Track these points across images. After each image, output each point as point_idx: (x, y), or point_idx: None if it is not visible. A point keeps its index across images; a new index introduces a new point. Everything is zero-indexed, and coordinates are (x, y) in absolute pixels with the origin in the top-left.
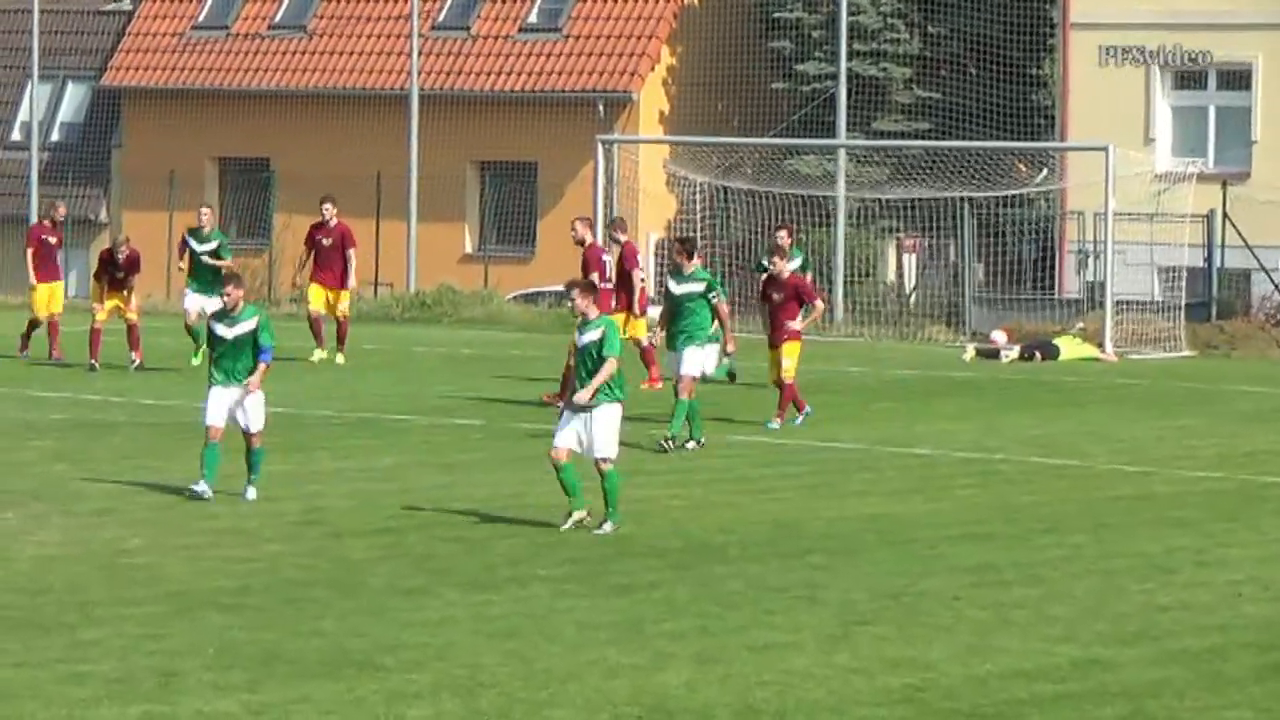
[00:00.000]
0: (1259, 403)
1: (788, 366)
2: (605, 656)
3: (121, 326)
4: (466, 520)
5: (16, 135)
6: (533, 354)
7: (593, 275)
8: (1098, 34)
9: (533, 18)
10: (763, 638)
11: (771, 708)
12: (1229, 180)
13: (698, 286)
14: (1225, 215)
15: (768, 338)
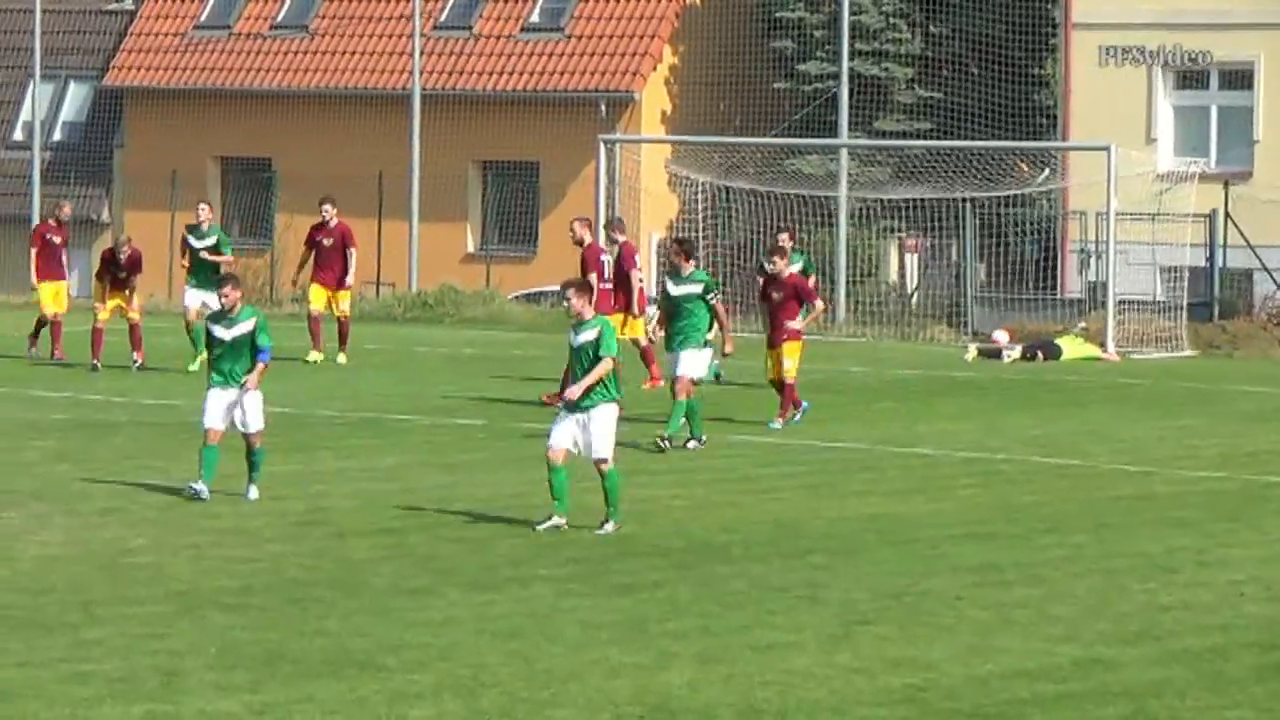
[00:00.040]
0: (1261, 403)
1: (789, 367)
2: (607, 656)
3: (124, 326)
4: (469, 520)
5: (18, 135)
6: (535, 354)
7: (591, 276)
8: (1099, 34)
9: (535, 17)
10: (765, 637)
11: (773, 707)
12: (1231, 180)
13: (695, 288)
14: (1227, 215)
15: (767, 337)
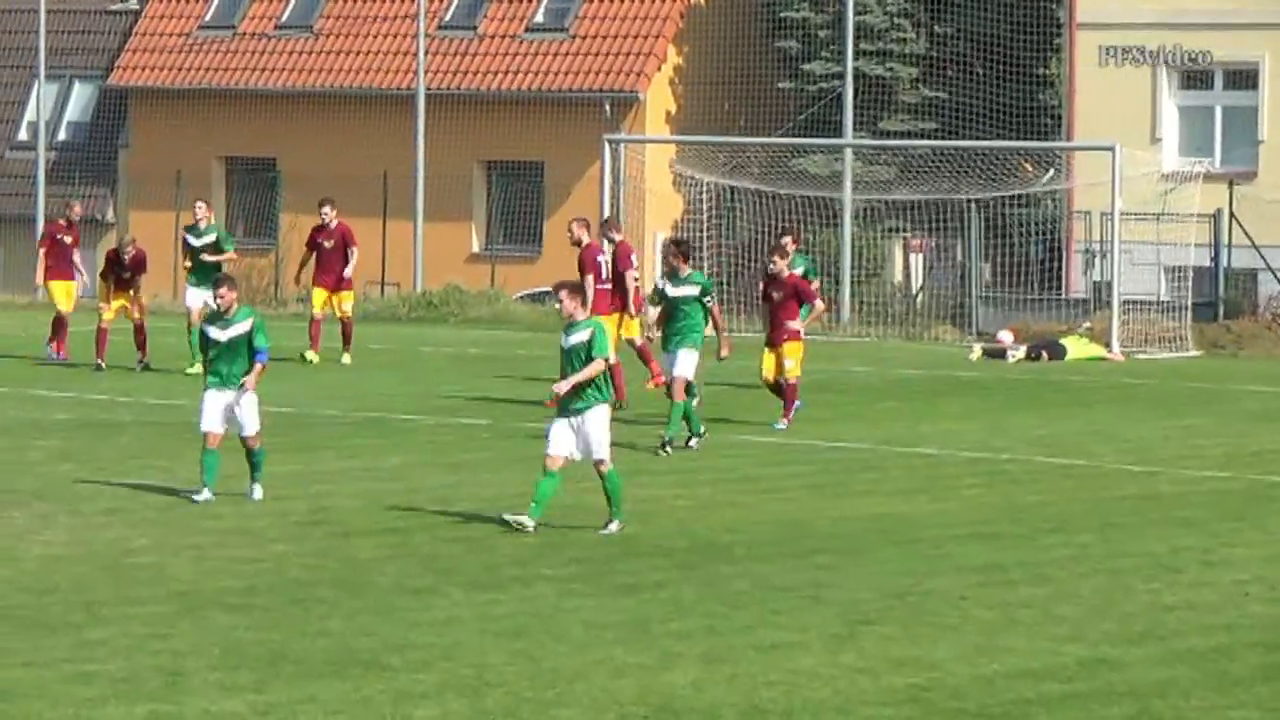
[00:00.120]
0: (1266, 402)
1: (791, 367)
2: (612, 656)
3: (128, 326)
4: (473, 520)
5: (23, 135)
6: (539, 353)
7: (588, 277)
8: (1104, 34)
9: (539, 17)
10: (769, 637)
11: (778, 707)
12: (1235, 180)
13: (693, 290)
14: (1232, 215)
15: (766, 336)
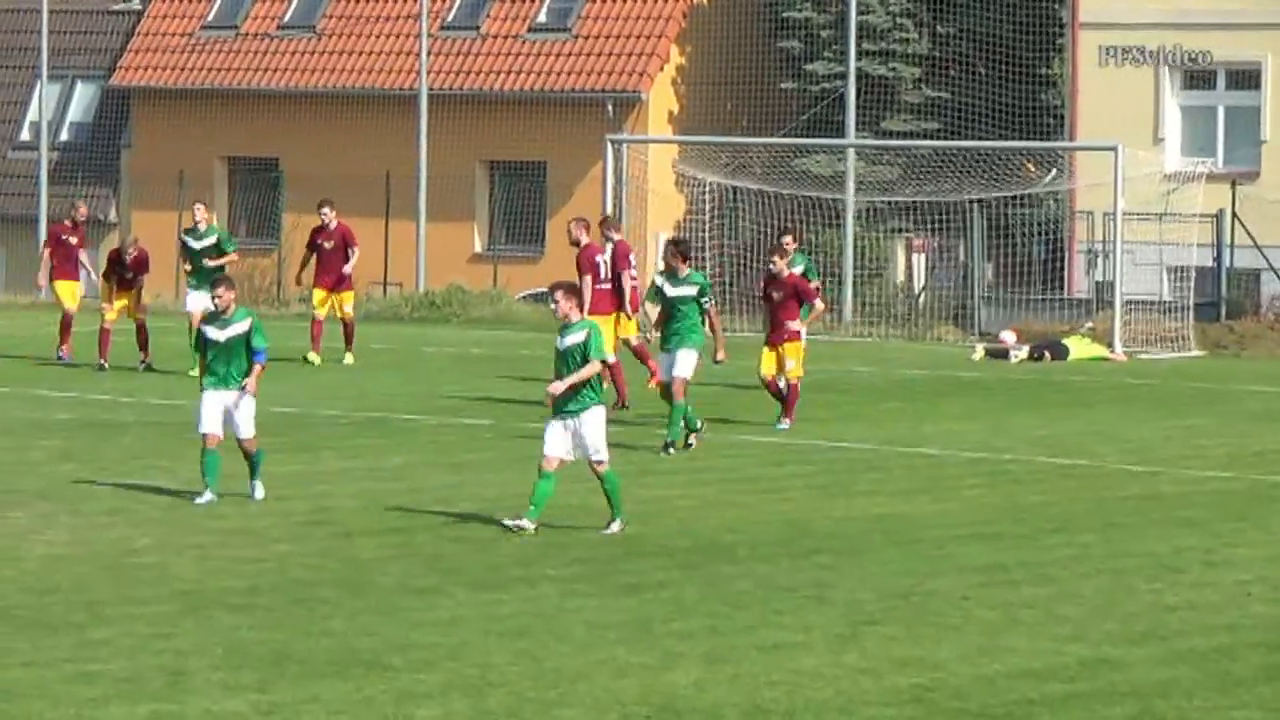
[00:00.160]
0: (1268, 402)
1: (792, 367)
2: (614, 656)
3: (131, 326)
4: (475, 520)
5: (26, 135)
6: (542, 354)
7: (585, 277)
8: (1106, 34)
9: (542, 17)
10: (771, 637)
11: (780, 707)
12: (1238, 180)
13: (691, 290)
14: (1234, 215)
15: (766, 335)
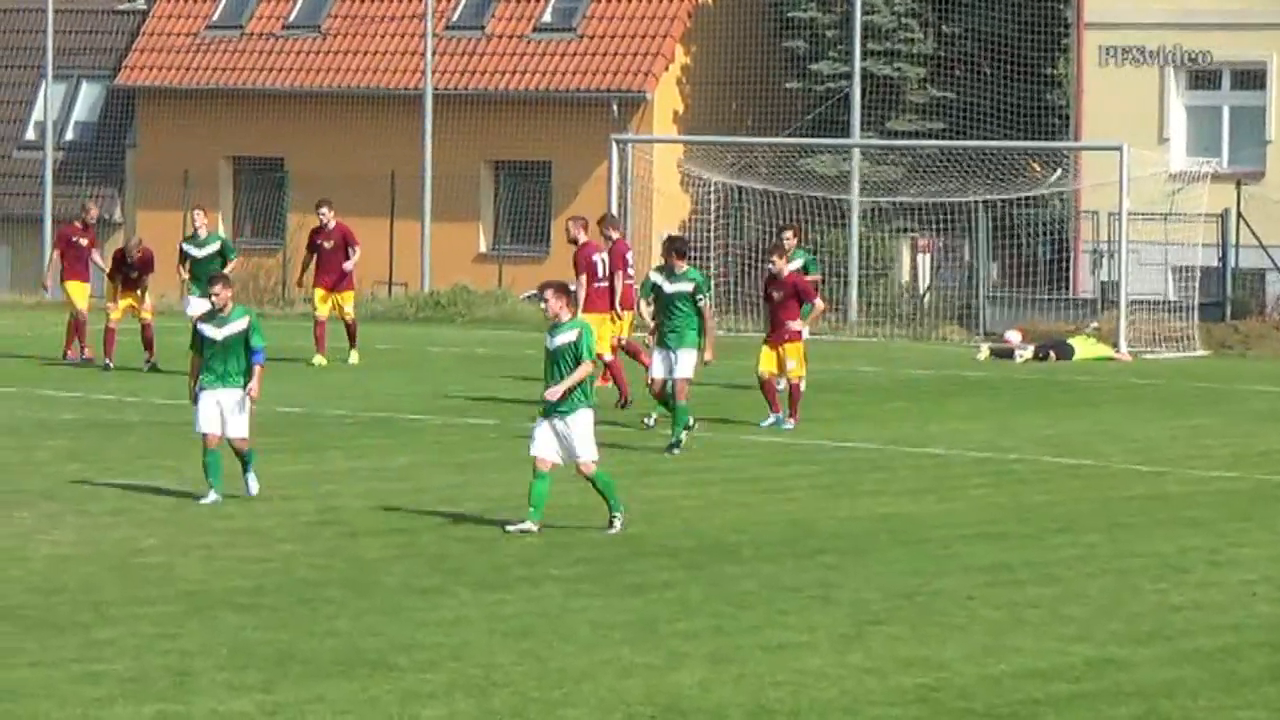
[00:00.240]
0: (1273, 402)
1: (793, 367)
2: (619, 656)
3: (136, 326)
4: (480, 520)
5: (31, 135)
6: None
7: (581, 277)
8: (1111, 33)
9: (547, 17)
10: (776, 637)
11: (785, 707)
12: (1243, 180)
13: (687, 286)
14: (1239, 215)
15: (766, 334)
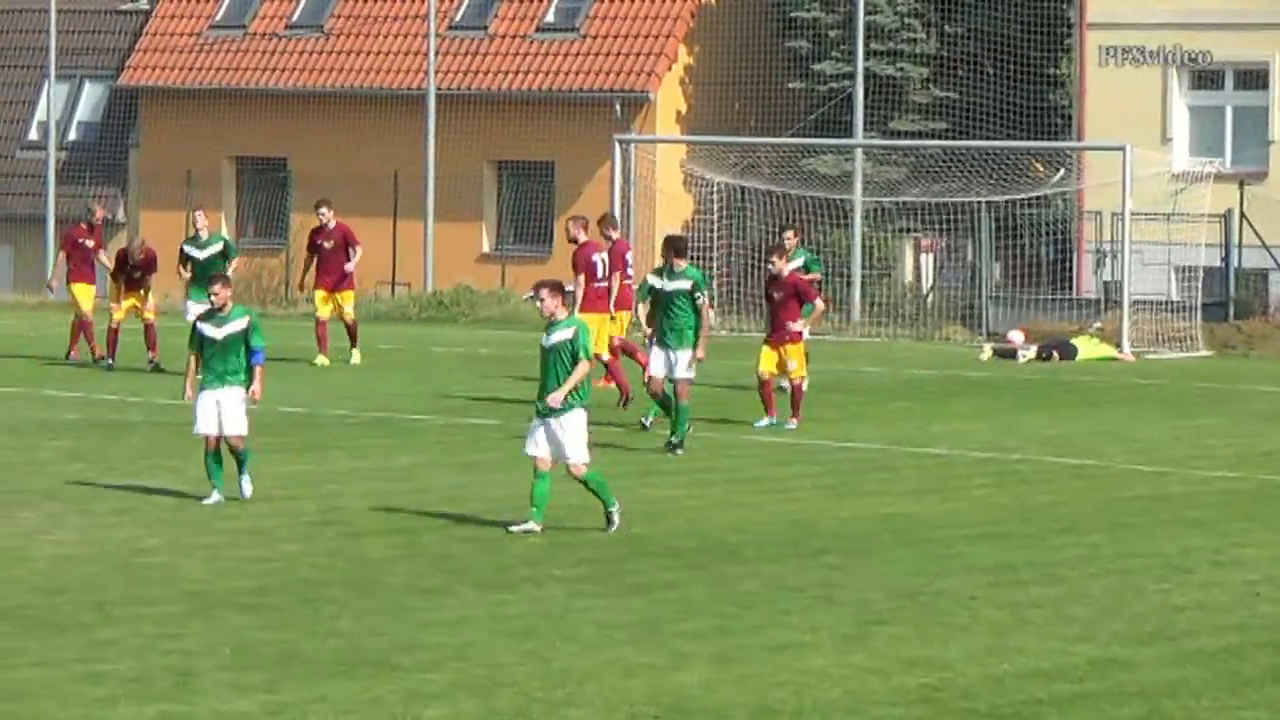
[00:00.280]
0: (1276, 402)
1: (794, 368)
2: (622, 656)
3: (139, 326)
4: (483, 520)
5: (34, 135)
6: None
7: (579, 277)
8: (1114, 33)
9: (550, 17)
10: (779, 638)
11: (788, 708)
12: (1246, 180)
13: (684, 284)
14: (1242, 215)
15: (766, 335)
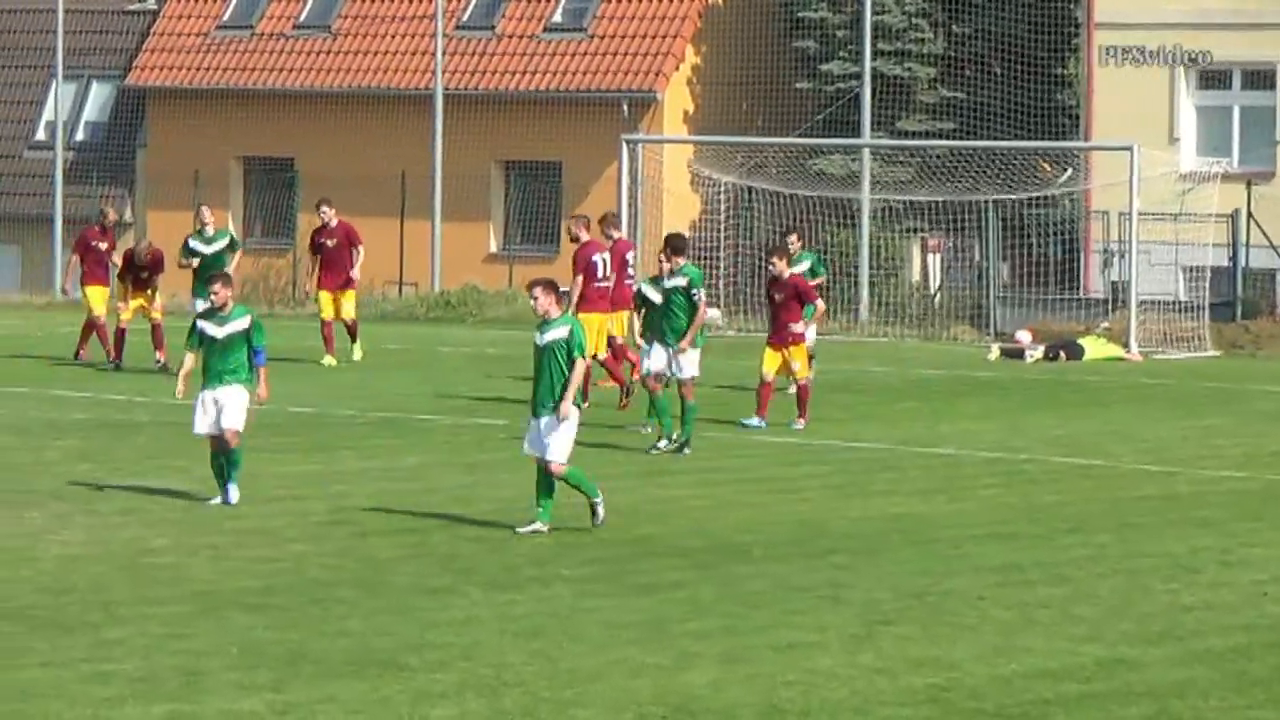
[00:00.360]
0: None
1: (798, 369)
2: (630, 656)
3: (146, 326)
4: (490, 520)
5: (41, 135)
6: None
7: (578, 277)
8: (1121, 33)
9: (557, 17)
10: (787, 637)
11: (795, 707)
12: (1253, 180)
13: (681, 281)
14: (1250, 215)
15: (768, 336)
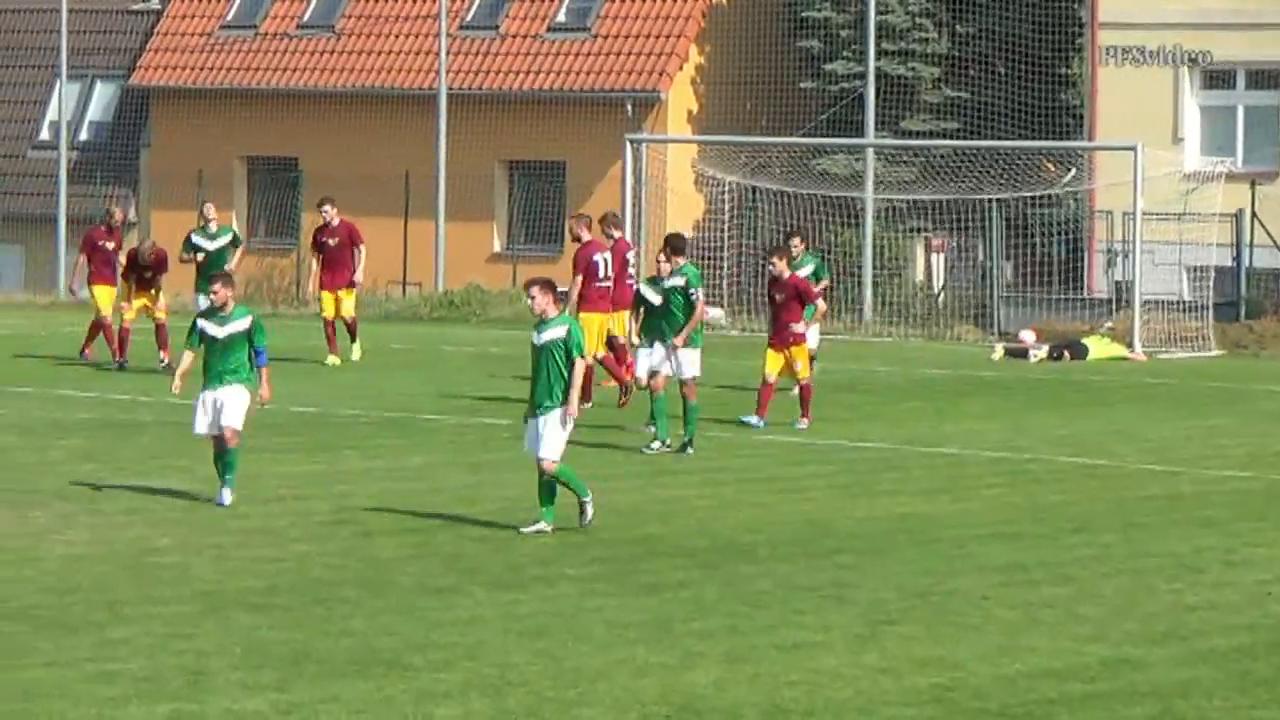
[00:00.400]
0: None
1: (800, 369)
2: (634, 655)
3: (150, 326)
4: (494, 520)
5: (45, 134)
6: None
7: (578, 276)
8: (1125, 33)
9: (561, 17)
10: (791, 637)
11: (800, 707)
12: (1257, 180)
13: (679, 280)
14: (1254, 215)
15: (769, 336)
